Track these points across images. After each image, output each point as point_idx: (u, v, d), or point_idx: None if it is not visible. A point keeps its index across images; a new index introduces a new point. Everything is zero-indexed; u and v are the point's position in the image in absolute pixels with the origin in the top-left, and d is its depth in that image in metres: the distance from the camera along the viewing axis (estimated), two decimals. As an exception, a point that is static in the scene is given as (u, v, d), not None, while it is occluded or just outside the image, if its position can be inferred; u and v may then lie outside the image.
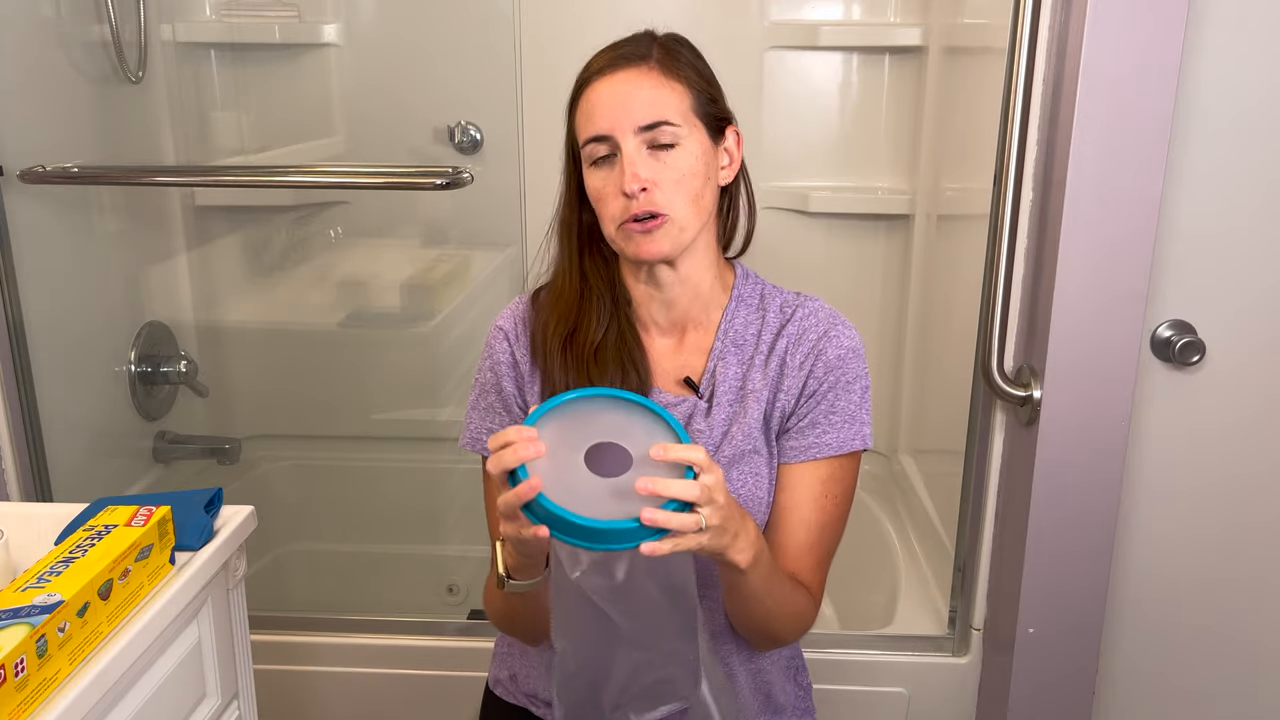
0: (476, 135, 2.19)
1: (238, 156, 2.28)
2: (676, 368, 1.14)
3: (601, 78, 1.05)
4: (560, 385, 1.10)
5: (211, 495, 1.11)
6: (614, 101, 1.04)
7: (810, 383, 1.11)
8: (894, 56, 2.21)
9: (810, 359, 1.11)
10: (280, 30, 2.23)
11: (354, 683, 1.76)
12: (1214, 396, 1.46)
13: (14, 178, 1.69)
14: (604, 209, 1.06)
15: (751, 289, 1.17)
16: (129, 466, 2.11)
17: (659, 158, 1.04)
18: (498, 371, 1.16)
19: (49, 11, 1.83)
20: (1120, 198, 1.34)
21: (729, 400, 1.12)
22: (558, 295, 1.14)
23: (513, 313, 1.18)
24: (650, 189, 1.03)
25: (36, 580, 0.87)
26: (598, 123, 1.04)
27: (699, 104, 1.07)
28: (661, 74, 1.05)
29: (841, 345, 1.11)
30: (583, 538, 0.87)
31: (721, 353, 1.13)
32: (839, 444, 1.10)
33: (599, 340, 1.11)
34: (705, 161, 1.07)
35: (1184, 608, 1.55)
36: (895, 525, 2.12)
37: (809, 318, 1.13)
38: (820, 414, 1.10)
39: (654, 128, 1.03)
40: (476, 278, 2.36)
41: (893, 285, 2.29)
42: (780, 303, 1.15)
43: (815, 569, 1.12)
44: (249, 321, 2.39)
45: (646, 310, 1.14)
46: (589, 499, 0.88)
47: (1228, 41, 1.33)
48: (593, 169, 1.06)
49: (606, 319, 1.12)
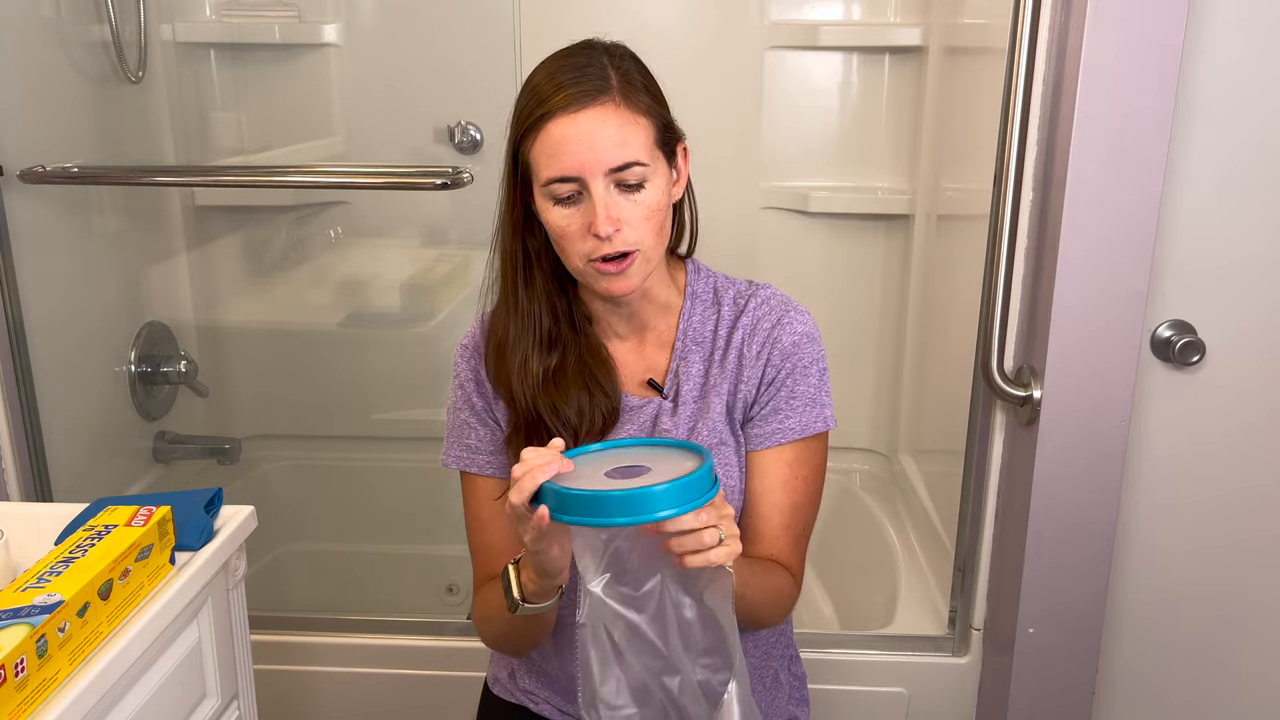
0: (476, 135, 2.19)
1: (238, 156, 2.28)
2: (640, 370, 1.16)
3: (564, 115, 1.01)
4: (525, 409, 1.11)
5: (211, 495, 1.11)
6: (580, 144, 1.00)
7: (769, 370, 1.12)
8: (894, 56, 2.21)
9: (766, 348, 1.12)
10: (280, 30, 2.23)
11: (354, 683, 1.76)
12: (1214, 396, 1.46)
13: (14, 178, 1.69)
14: (569, 245, 1.04)
15: (704, 285, 1.17)
16: (129, 466, 2.11)
17: (628, 197, 1.03)
18: (466, 389, 1.17)
19: (49, 11, 1.83)
20: (1120, 198, 1.34)
21: (693, 398, 1.13)
22: (502, 324, 1.13)
23: (473, 333, 1.19)
24: (622, 229, 1.02)
25: (36, 580, 0.88)
26: (565, 163, 1.01)
27: (659, 134, 1.05)
28: (626, 109, 1.02)
29: (795, 331, 1.12)
30: (589, 511, 0.87)
31: (683, 352, 1.14)
32: (802, 427, 1.12)
33: (553, 365, 1.11)
34: (667, 191, 1.06)
35: (1184, 607, 1.55)
36: (895, 525, 2.12)
37: (761, 307, 1.14)
38: (781, 400, 1.12)
39: (625, 169, 1.01)
40: (476, 278, 2.34)
41: (893, 285, 2.29)
42: (733, 295, 1.16)
43: (792, 549, 1.14)
44: (249, 321, 2.39)
45: (606, 323, 1.16)
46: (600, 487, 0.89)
47: (1228, 41, 1.33)
48: (554, 207, 1.04)
49: (562, 343, 1.13)
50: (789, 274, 2.23)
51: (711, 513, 0.89)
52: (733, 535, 0.91)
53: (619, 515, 0.86)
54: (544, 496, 0.90)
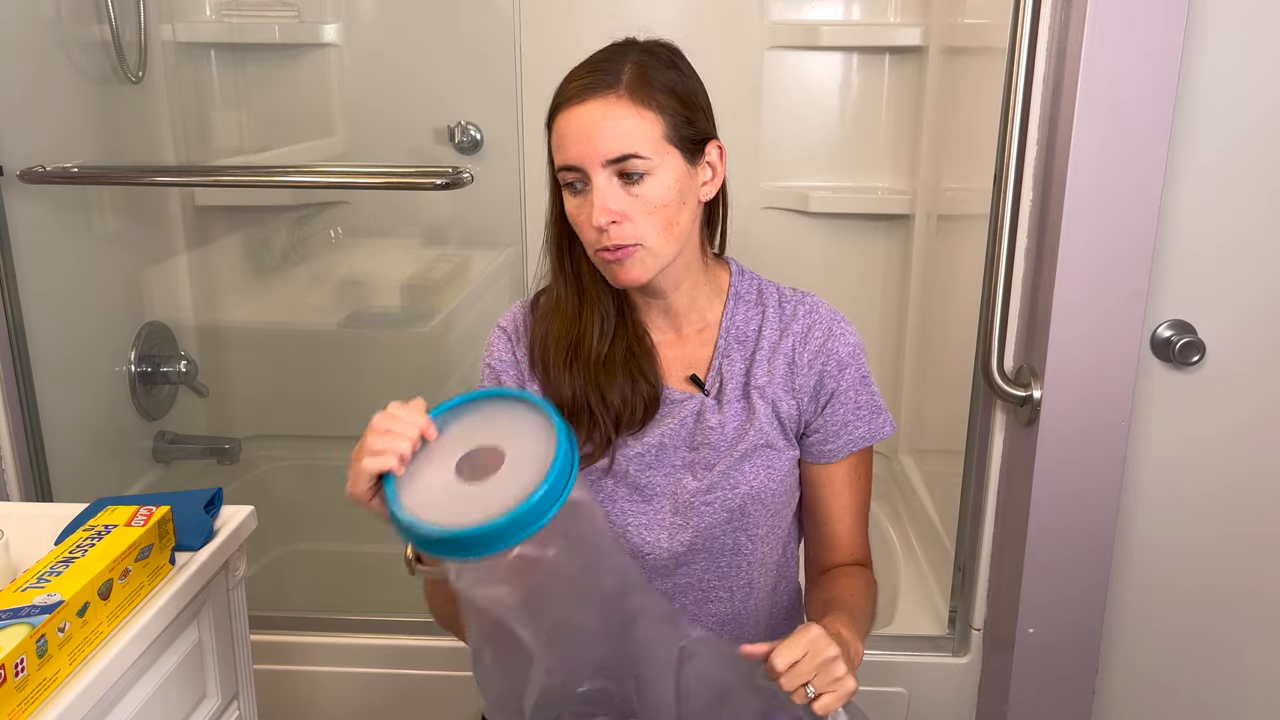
0: (476, 135, 2.19)
1: (238, 156, 2.28)
2: (680, 365, 1.15)
3: (570, 106, 1.03)
4: (569, 396, 1.11)
5: (211, 495, 1.11)
6: (581, 133, 1.02)
7: (827, 382, 1.13)
8: (894, 56, 2.21)
9: (820, 358, 1.13)
10: (280, 30, 2.23)
11: (354, 683, 1.76)
12: (1214, 397, 1.46)
13: (14, 178, 1.69)
14: (581, 234, 1.07)
15: (748, 285, 1.18)
16: (129, 466, 2.11)
17: (629, 190, 1.03)
18: (497, 369, 1.17)
19: (49, 11, 1.83)
20: (1120, 198, 1.34)
21: (737, 395, 1.13)
22: (556, 306, 1.14)
23: (514, 315, 1.19)
24: (621, 221, 1.02)
25: (36, 580, 0.88)
26: (569, 152, 1.03)
27: (672, 129, 1.04)
28: (631, 102, 1.02)
29: (849, 342, 1.14)
30: (428, 547, 0.84)
31: (726, 349, 1.14)
32: (870, 435, 1.15)
33: (605, 351, 1.12)
34: (680, 188, 1.05)
35: (1184, 607, 1.55)
36: (895, 525, 2.12)
37: (811, 314, 1.15)
38: (848, 412, 1.14)
39: (622, 160, 1.02)
40: (476, 278, 2.36)
41: (893, 285, 2.30)
42: (778, 298, 1.17)
43: (865, 543, 1.20)
44: (249, 321, 2.39)
45: (646, 315, 1.16)
46: (447, 503, 0.85)
47: (1228, 41, 1.33)
48: (568, 193, 1.06)
49: (611, 329, 1.13)
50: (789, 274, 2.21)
51: (806, 662, 0.90)
52: (836, 678, 0.90)
53: (451, 553, 0.84)
54: (387, 503, 0.87)
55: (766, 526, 1.13)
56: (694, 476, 1.11)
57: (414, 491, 0.87)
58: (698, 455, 1.11)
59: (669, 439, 1.12)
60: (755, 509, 1.11)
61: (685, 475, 1.12)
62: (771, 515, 1.14)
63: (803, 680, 0.90)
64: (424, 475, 0.88)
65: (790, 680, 0.90)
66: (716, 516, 1.11)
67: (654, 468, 1.12)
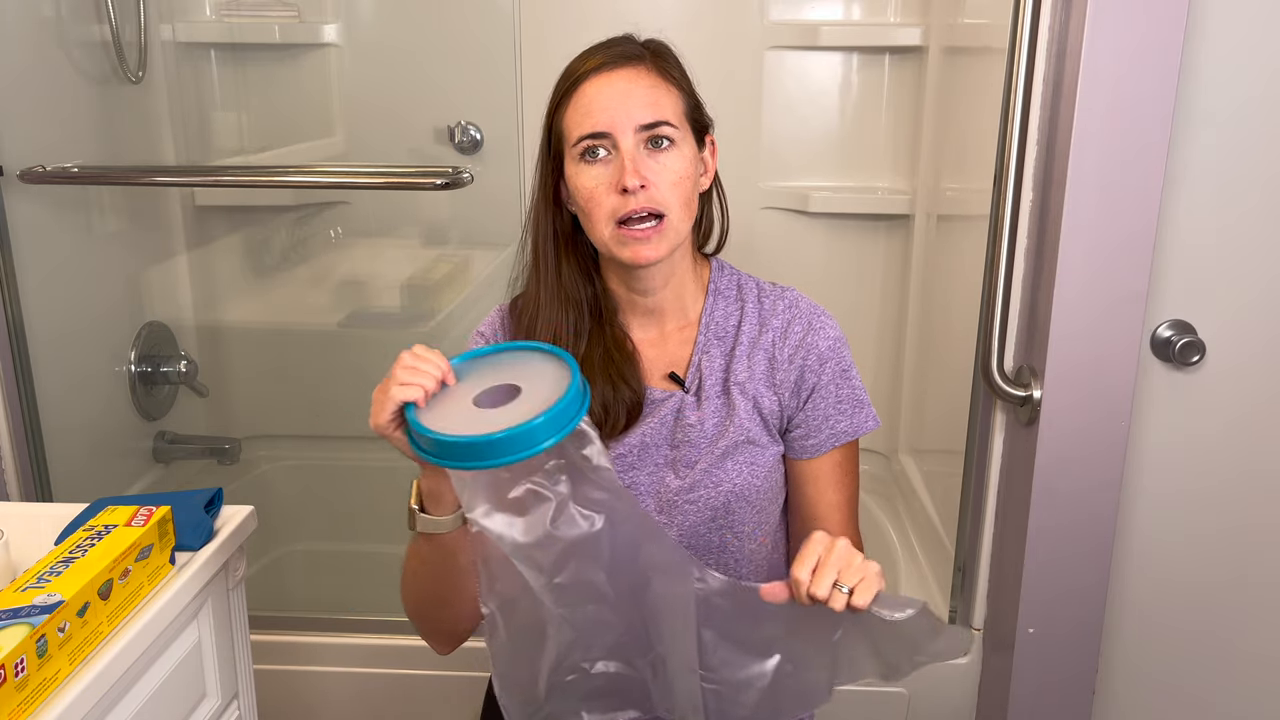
0: (476, 135, 2.19)
1: (238, 156, 2.28)
2: (661, 363, 1.15)
3: (599, 75, 1.05)
4: None
5: (211, 495, 1.11)
6: (613, 99, 1.04)
7: (808, 377, 1.13)
8: (894, 56, 2.21)
9: (800, 352, 1.13)
10: (280, 30, 2.23)
11: (354, 683, 1.76)
12: (1214, 397, 1.46)
13: (14, 178, 1.69)
14: (596, 209, 1.05)
15: (728, 281, 1.18)
16: (129, 466, 2.11)
17: (656, 158, 1.05)
18: None
19: (49, 11, 1.83)
20: (1120, 198, 1.34)
21: (716, 392, 1.13)
22: (535, 306, 1.13)
23: (492, 321, 1.20)
24: (649, 187, 1.03)
25: (36, 580, 0.88)
26: (596, 119, 1.04)
27: (688, 109, 1.09)
28: (658, 74, 1.07)
29: (829, 336, 1.14)
30: (450, 455, 0.87)
31: (705, 346, 1.14)
32: (853, 429, 1.14)
33: (581, 353, 1.11)
34: (694, 166, 1.09)
35: (1184, 607, 1.55)
36: (895, 525, 2.12)
37: (791, 309, 1.15)
38: (829, 406, 1.13)
39: (654, 126, 1.04)
40: (476, 278, 2.36)
41: (893, 285, 2.30)
42: (758, 293, 1.17)
43: (856, 539, 1.18)
44: (249, 321, 2.39)
45: (629, 315, 1.16)
46: (467, 424, 0.88)
47: (1228, 41, 1.33)
48: (584, 167, 1.05)
49: (586, 329, 1.13)
50: (789, 274, 2.22)
51: (825, 558, 0.90)
52: (863, 575, 0.90)
53: (473, 460, 0.86)
54: (408, 429, 0.90)
55: (752, 524, 1.13)
56: (676, 475, 1.11)
57: (434, 418, 0.90)
58: (679, 453, 1.11)
59: (650, 438, 1.12)
60: (740, 506, 1.11)
61: (667, 474, 1.11)
62: (757, 512, 1.13)
63: (831, 578, 0.88)
64: (443, 406, 0.91)
65: (819, 585, 0.88)
66: (700, 515, 1.10)
67: (636, 467, 1.12)
